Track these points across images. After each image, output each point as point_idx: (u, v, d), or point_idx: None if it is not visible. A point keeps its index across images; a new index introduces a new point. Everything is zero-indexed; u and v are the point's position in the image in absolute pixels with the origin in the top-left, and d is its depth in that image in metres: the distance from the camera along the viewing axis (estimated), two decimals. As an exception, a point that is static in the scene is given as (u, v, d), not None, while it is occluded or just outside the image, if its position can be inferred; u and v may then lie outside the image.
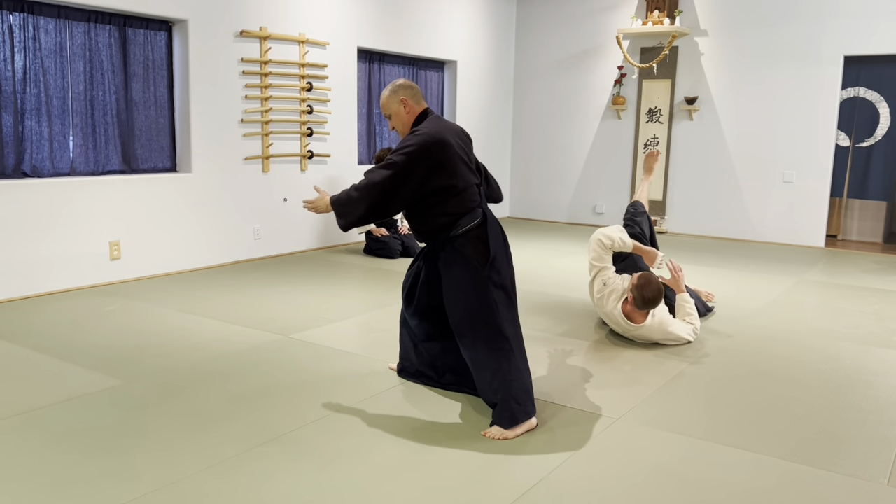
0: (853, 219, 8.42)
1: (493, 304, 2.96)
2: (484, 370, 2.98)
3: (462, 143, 3.11)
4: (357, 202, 2.98)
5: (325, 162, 6.98)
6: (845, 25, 7.35)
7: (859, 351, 4.08)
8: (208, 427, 2.92)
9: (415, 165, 2.93)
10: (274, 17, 6.32)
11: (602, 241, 4.16)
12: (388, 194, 2.95)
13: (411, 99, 3.12)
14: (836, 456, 2.75)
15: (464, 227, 3.00)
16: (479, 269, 2.97)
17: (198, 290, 5.28)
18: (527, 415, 2.91)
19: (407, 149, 2.94)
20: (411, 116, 3.13)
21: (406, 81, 3.16)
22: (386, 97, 3.13)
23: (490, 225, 3.04)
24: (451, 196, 3.00)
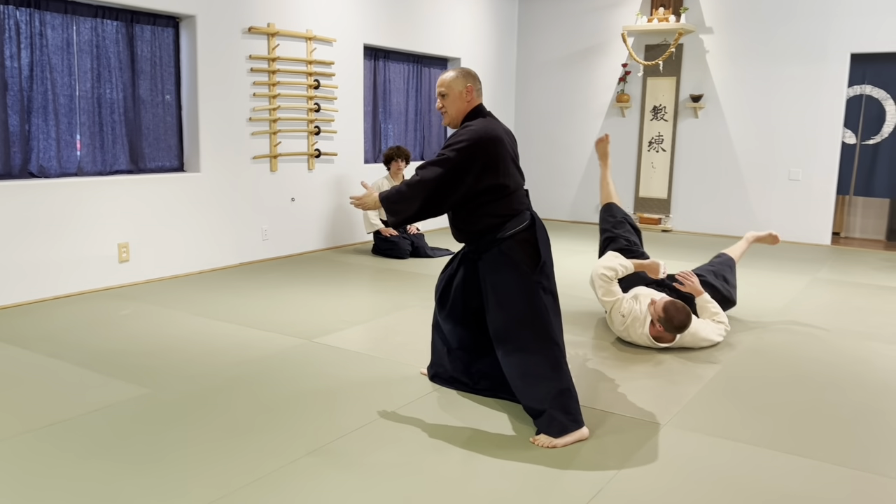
0: (856, 216, 8.43)
1: (543, 310, 2.88)
2: (532, 378, 2.90)
3: (512, 142, 3.04)
4: (410, 199, 2.89)
5: (332, 161, 6.87)
6: (851, 23, 7.35)
7: (891, 352, 4.05)
8: (246, 438, 2.82)
9: (469, 162, 2.84)
10: (281, 13, 6.21)
11: (605, 275, 4.05)
12: (441, 192, 2.86)
13: (476, 90, 3.03)
14: (890, 461, 2.71)
15: (512, 230, 2.92)
16: (529, 274, 2.89)
17: (209, 292, 5.16)
18: (577, 424, 2.83)
19: (460, 144, 2.85)
20: (469, 106, 3.03)
21: (474, 72, 3.07)
22: (452, 77, 3.00)
23: (539, 228, 2.97)
24: (502, 196, 2.92)
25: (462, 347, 3.29)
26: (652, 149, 8.57)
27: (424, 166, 2.91)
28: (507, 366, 2.99)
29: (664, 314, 3.83)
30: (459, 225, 3.05)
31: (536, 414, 2.89)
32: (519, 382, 2.96)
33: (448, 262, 3.33)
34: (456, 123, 3.05)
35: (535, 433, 2.87)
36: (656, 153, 8.54)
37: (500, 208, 2.93)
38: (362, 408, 3.13)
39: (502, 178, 2.90)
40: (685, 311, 3.83)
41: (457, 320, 3.24)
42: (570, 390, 2.88)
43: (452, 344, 3.32)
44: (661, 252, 7.10)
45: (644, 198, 8.67)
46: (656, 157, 8.54)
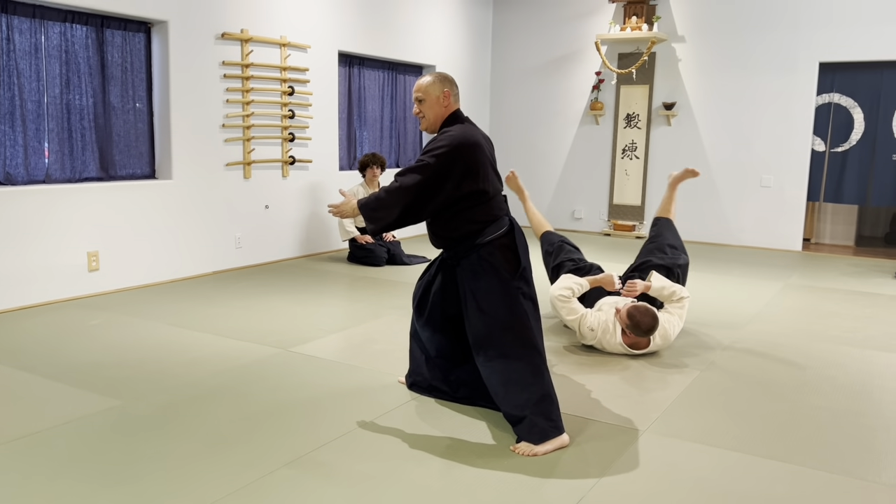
0: (826, 222, 8.57)
1: (523, 316, 2.87)
2: (513, 384, 2.88)
3: (490, 148, 3.03)
4: (389, 206, 2.85)
5: (307, 168, 6.81)
6: (820, 33, 7.48)
7: (864, 356, 4.10)
8: (222, 449, 2.76)
9: (449, 168, 2.82)
10: (255, 19, 6.15)
11: (562, 295, 4.06)
12: (422, 198, 2.83)
13: (453, 95, 3.02)
14: (873, 465, 2.73)
15: (491, 235, 2.91)
16: (509, 279, 2.88)
17: (182, 301, 5.07)
18: (557, 430, 2.82)
19: (440, 150, 2.83)
20: (447, 111, 3.01)
21: (450, 76, 3.05)
22: (429, 82, 2.98)
23: (518, 234, 2.96)
24: (481, 202, 2.90)
25: (441, 355, 3.26)
26: (626, 156, 8.63)
27: (404, 172, 2.88)
28: (488, 372, 2.96)
29: (630, 321, 3.84)
30: (438, 231, 3.02)
31: (517, 421, 2.87)
32: (500, 389, 2.93)
33: (425, 269, 3.30)
34: (434, 128, 3.03)
35: (516, 441, 2.85)
36: (630, 160, 8.60)
37: (479, 214, 2.91)
38: (340, 417, 3.09)
39: (482, 184, 2.89)
40: (650, 312, 3.84)
41: (435, 328, 3.21)
42: (550, 396, 2.86)
43: (431, 352, 3.28)
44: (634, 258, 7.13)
45: (618, 205, 8.72)
46: (630, 164, 8.60)
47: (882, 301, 5.48)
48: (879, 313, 5.09)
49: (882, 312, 5.12)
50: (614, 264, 6.78)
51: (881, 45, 7.20)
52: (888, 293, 5.75)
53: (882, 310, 5.20)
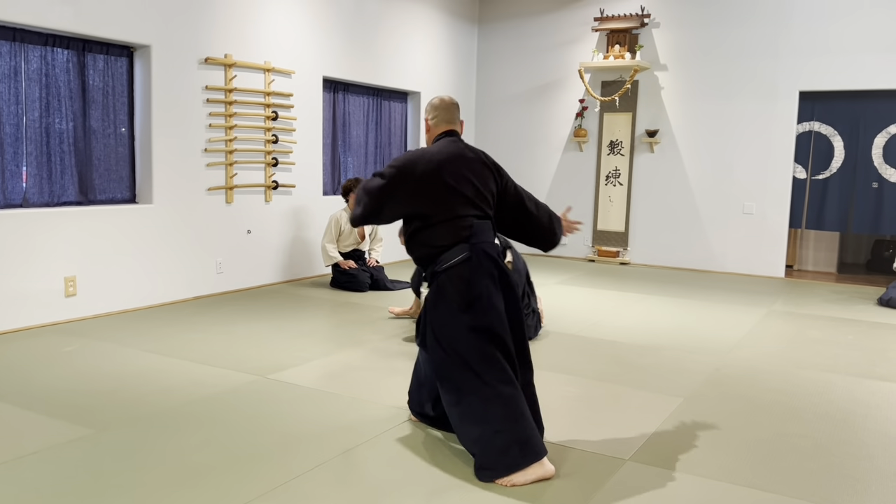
0: (808, 249, 8.62)
1: (471, 351, 2.81)
2: (466, 419, 2.82)
3: (465, 171, 2.96)
4: (358, 202, 3.04)
5: (290, 193, 6.78)
6: (800, 62, 7.58)
7: (847, 383, 4.09)
8: (194, 480, 2.68)
9: (393, 186, 2.94)
10: (239, 44, 6.15)
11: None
12: (376, 205, 2.99)
13: (432, 121, 3.15)
14: (854, 494, 2.69)
15: (445, 263, 2.89)
16: (457, 312, 2.84)
17: (161, 327, 4.99)
18: (510, 469, 2.69)
19: (392, 166, 2.98)
20: (430, 136, 3.17)
21: (442, 101, 3.18)
22: (425, 109, 3.21)
23: (475, 264, 2.88)
24: (426, 226, 2.93)
25: (430, 380, 3.20)
26: (609, 182, 8.66)
27: (374, 176, 3.03)
28: (446, 405, 2.94)
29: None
30: (408, 250, 3.08)
31: (474, 456, 2.80)
32: (456, 423, 2.89)
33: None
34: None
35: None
36: (613, 187, 8.64)
37: (431, 238, 2.93)
38: (316, 447, 3.02)
39: (424, 208, 2.92)
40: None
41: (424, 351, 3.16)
42: (503, 433, 2.74)
43: (422, 376, 3.23)
44: (619, 284, 7.13)
45: (602, 231, 8.74)
46: (613, 190, 8.64)
47: (864, 328, 5.49)
48: (862, 340, 5.10)
49: (864, 339, 5.12)
50: (599, 290, 6.78)
51: (860, 74, 7.31)
52: (870, 320, 5.77)
53: (864, 337, 5.20)
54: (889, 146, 7.37)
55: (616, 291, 6.79)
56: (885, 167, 7.40)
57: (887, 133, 7.35)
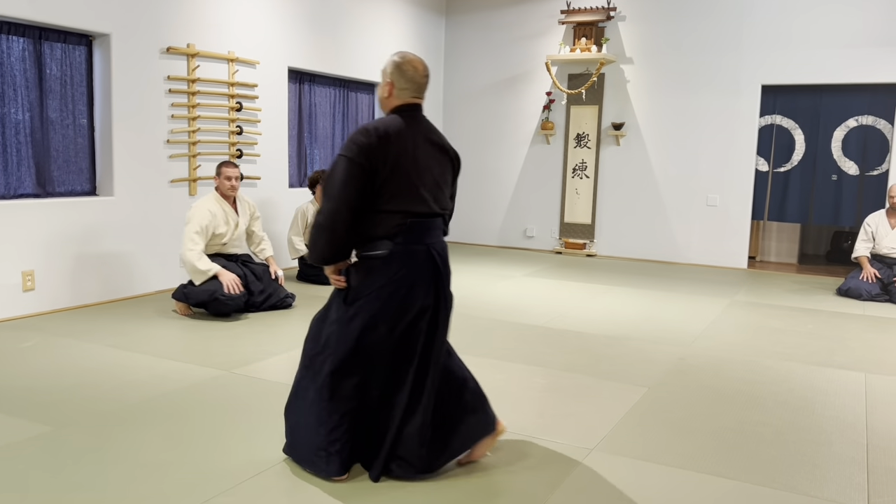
0: (771, 240, 8.77)
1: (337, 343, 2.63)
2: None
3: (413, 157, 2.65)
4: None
5: (256, 185, 6.70)
6: (762, 56, 7.69)
7: (806, 371, 4.17)
8: (158, 475, 2.64)
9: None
10: (202, 34, 6.04)
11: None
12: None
13: (398, 89, 2.69)
14: (813, 480, 2.75)
15: (366, 252, 2.64)
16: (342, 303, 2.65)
17: (123, 322, 4.90)
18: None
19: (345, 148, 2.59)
20: (389, 104, 2.72)
21: (416, 70, 2.71)
22: (388, 66, 2.72)
23: (394, 262, 2.59)
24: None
25: None
26: (576, 175, 8.71)
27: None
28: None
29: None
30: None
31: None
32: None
33: None
34: (382, 110, 2.77)
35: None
36: (580, 180, 8.69)
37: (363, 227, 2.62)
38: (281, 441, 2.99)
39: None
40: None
41: None
42: (311, 436, 2.64)
43: None
44: (585, 276, 7.19)
45: (569, 223, 8.79)
46: (580, 183, 8.69)
47: (824, 317, 5.60)
48: (821, 329, 5.20)
49: (824, 329, 5.23)
50: (566, 282, 6.82)
51: (819, 69, 7.44)
52: (830, 310, 5.89)
53: (824, 326, 5.31)
54: (847, 139, 7.52)
55: (582, 283, 6.84)
56: (843, 160, 7.55)
57: (846, 127, 7.51)
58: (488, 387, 3.78)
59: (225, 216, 5.26)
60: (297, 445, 2.72)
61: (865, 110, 7.44)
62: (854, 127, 7.48)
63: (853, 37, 7.30)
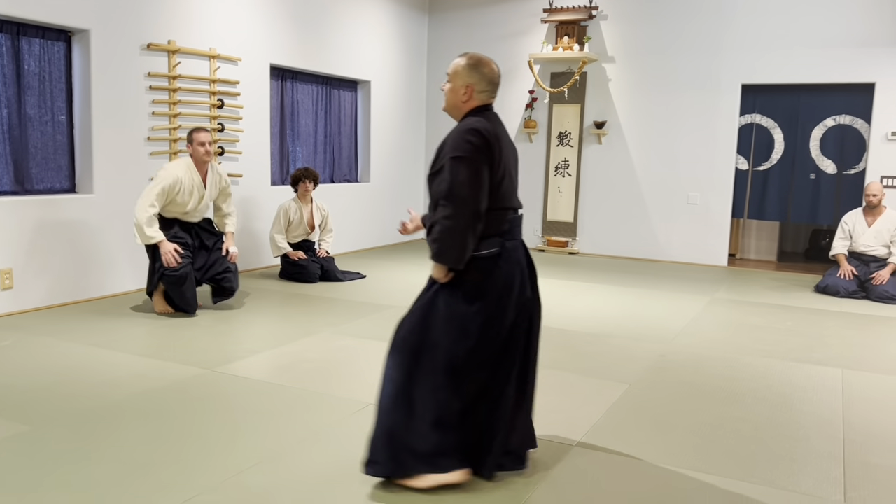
0: (751, 238, 8.86)
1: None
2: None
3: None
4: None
5: (238, 182, 6.66)
6: (742, 56, 7.77)
7: (785, 367, 4.23)
8: (139, 474, 2.63)
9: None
10: (183, 30, 6.00)
11: None
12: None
13: (477, 92, 2.71)
14: (791, 474, 2.79)
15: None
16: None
17: (103, 320, 4.86)
18: (405, 473, 2.58)
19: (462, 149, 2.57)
20: (466, 106, 2.72)
21: (493, 73, 2.72)
22: (460, 67, 2.71)
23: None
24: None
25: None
26: (558, 174, 8.75)
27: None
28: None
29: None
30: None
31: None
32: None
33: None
34: (451, 114, 2.79)
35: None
36: (562, 178, 8.73)
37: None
38: (264, 440, 2.99)
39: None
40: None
41: None
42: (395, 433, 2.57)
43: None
44: (568, 273, 7.23)
45: (551, 221, 8.83)
46: (563, 181, 8.73)
47: (802, 314, 5.67)
48: (800, 326, 5.27)
49: (802, 325, 5.30)
50: (548, 279, 6.85)
51: (798, 69, 7.53)
52: (808, 307, 5.97)
53: (802, 323, 5.38)
54: (826, 138, 7.61)
55: (565, 281, 6.88)
56: (821, 159, 7.65)
57: (824, 126, 7.60)
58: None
59: (192, 186, 5.04)
60: (403, 448, 2.55)
61: (843, 110, 7.53)
62: (832, 126, 7.58)
63: (831, 37, 7.39)
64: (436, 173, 2.63)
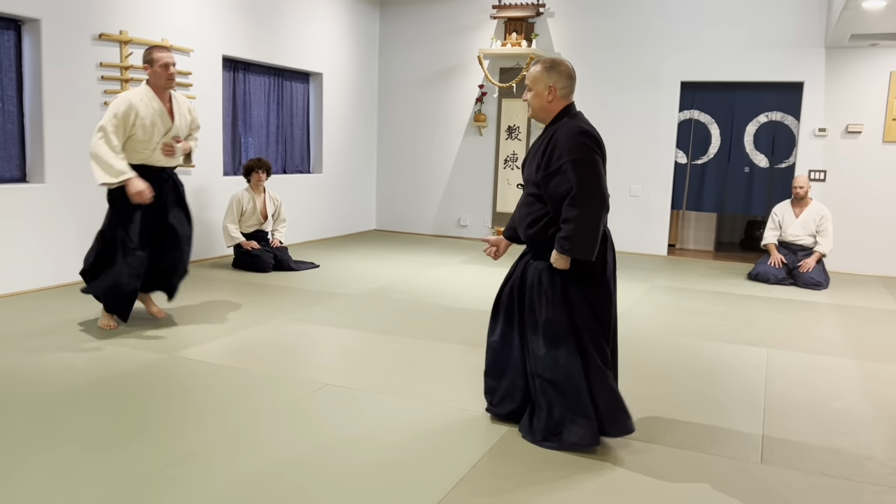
0: (689, 229, 9.26)
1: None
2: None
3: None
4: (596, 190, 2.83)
5: (190, 173, 6.70)
6: (681, 54, 8.12)
7: (714, 347, 4.54)
8: (105, 452, 2.74)
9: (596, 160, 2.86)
10: (135, 20, 6.01)
11: None
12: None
13: (563, 90, 2.92)
14: (715, 441, 3.06)
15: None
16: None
17: (56, 309, 4.89)
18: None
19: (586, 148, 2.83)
20: (553, 108, 2.93)
21: (570, 70, 2.94)
22: (537, 72, 2.93)
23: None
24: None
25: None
26: (507, 166, 8.99)
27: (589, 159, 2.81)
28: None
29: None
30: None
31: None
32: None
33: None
34: (539, 118, 3.01)
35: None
36: (511, 170, 8.97)
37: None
38: (226, 419, 3.12)
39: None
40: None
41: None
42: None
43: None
44: (517, 263, 7.46)
45: (501, 212, 9.07)
46: (511, 174, 8.97)
47: (734, 299, 6.03)
48: (731, 310, 5.61)
49: (733, 309, 5.64)
50: (499, 268, 7.08)
51: (734, 68, 7.91)
52: (740, 293, 6.33)
53: (733, 307, 5.73)
54: (759, 134, 8.03)
55: (513, 269, 7.10)
56: (755, 153, 8.06)
57: (757, 122, 8.01)
58: (427, 366, 4.00)
59: (152, 115, 4.10)
60: (595, 415, 2.90)
61: (775, 107, 7.96)
62: (764, 122, 7.99)
63: (764, 39, 7.79)
64: (551, 174, 2.85)
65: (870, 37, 6.99)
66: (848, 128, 7.61)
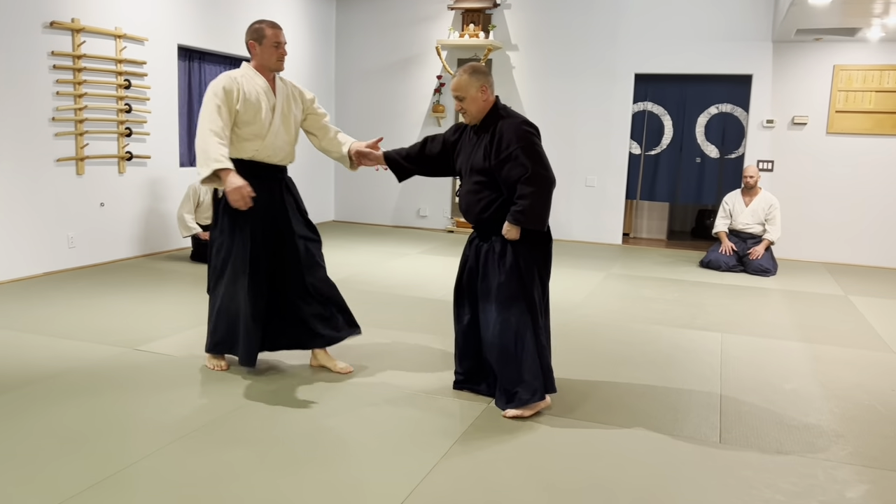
0: (643, 218, 9.47)
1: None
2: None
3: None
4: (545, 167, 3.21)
5: (146, 164, 6.60)
6: (635, 47, 8.28)
7: (671, 333, 4.68)
8: (77, 445, 2.72)
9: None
10: (87, 8, 5.88)
11: None
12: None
13: (490, 86, 3.20)
14: (675, 422, 3.18)
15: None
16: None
17: (10, 303, 4.78)
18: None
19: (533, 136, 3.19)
20: (487, 104, 3.20)
21: (482, 66, 3.21)
22: (465, 80, 3.16)
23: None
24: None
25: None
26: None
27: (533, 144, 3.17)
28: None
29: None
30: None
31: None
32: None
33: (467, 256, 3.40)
34: (478, 120, 3.23)
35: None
36: (470, 161, 9.02)
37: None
38: (196, 410, 3.12)
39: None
40: None
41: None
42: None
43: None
44: (476, 253, 7.54)
45: (459, 203, 9.13)
46: (470, 164, 9.02)
47: (687, 286, 6.21)
48: (685, 297, 5.79)
49: (686, 296, 5.82)
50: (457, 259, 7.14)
51: (684, 60, 8.11)
52: (693, 280, 6.52)
53: (687, 294, 5.90)
54: (709, 125, 8.25)
55: (473, 259, 7.18)
56: (706, 144, 8.28)
57: (708, 114, 8.23)
58: (389, 354, 4.05)
59: (256, 93, 3.47)
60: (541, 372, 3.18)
61: (725, 99, 8.18)
62: (715, 114, 8.21)
63: (714, 32, 7.99)
64: (503, 161, 3.13)
65: (815, 31, 7.24)
66: (794, 119, 7.88)
